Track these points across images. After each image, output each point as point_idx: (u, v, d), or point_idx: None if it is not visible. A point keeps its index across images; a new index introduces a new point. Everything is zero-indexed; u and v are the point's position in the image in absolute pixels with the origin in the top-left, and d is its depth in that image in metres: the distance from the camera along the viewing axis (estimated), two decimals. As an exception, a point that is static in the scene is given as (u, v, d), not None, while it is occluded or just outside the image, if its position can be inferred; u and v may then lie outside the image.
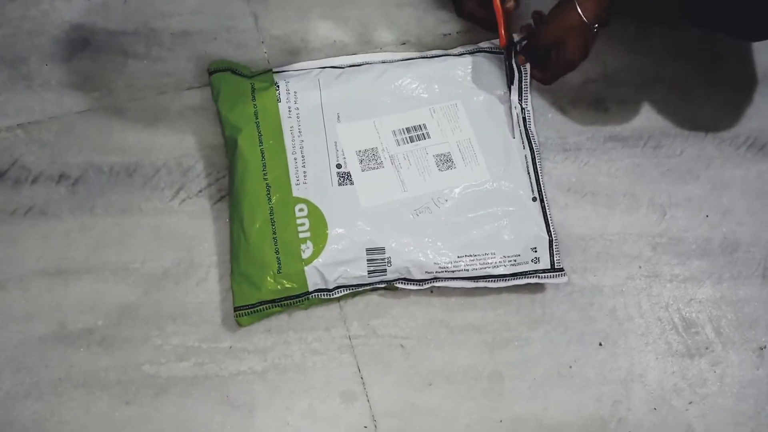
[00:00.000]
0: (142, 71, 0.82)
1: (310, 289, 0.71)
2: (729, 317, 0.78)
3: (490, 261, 0.74)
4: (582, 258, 0.79)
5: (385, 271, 0.72)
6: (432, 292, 0.76)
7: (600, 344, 0.76)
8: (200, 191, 0.78)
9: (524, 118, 0.80)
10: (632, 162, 0.84)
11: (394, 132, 0.77)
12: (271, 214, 0.71)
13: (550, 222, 0.76)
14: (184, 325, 0.73)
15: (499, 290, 0.76)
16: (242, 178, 0.73)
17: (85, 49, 0.83)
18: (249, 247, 0.71)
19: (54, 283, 0.74)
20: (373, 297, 0.76)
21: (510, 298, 0.77)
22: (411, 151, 0.76)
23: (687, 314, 0.78)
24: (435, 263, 0.72)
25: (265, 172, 0.73)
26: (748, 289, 0.80)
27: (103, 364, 0.71)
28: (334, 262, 0.71)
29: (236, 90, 0.76)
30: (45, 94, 0.80)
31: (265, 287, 0.70)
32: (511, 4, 0.77)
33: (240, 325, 0.72)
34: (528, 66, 0.80)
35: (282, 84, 0.77)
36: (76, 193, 0.77)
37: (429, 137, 0.77)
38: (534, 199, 0.76)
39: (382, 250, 0.72)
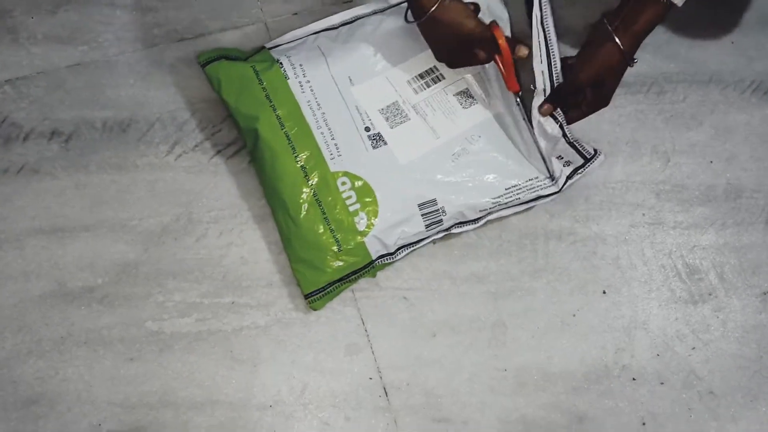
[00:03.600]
0: (131, 23, 0.79)
1: (374, 257, 0.70)
2: (732, 263, 0.78)
3: (537, 184, 0.73)
4: (585, 207, 0.79)
5: (441, 221, 0.71)
6: (434, 243, 0.76)
7: (603, 293, 0.76)
8: (196, 146, 0.76)
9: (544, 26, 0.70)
10: (635, 109, 0.82)
11: (408, 82, 0.74)
12: (315, 195, 0.69)
13: (563, 124, 0.71)
14: (186, 281, 0.72)
15: (501, 242, 0.76)
16: (273, 166, 0.70)
17: (71, 1, 0.80)
18: (301, 231, 0.69)
19: (50, 241, 0.73)
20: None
21: (512, 249, 0.76)
22: (431, 96, 0.74)
23: (690, 261, 0.78)
24: (486, 200, 0.72)
25: (295, 155, 0.69)
26: (751, 235, 0.79)
27: (105, 322, 0.71)
28: (390, 225, 0.70)
29: (238, 76, 0.71)
30: (32, 48, 0.77)
31: (329, 268, 0.69)
32: (524, 51, 0.67)
33: (315, 309, 0.71)
34: None
35: (284, 60, 0.73)
36: (69, 150, 0.75)
37: (443, 77, 0.75)
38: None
39: (433, 201, 0.71)
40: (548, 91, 0.69)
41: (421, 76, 0.74)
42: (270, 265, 0.73)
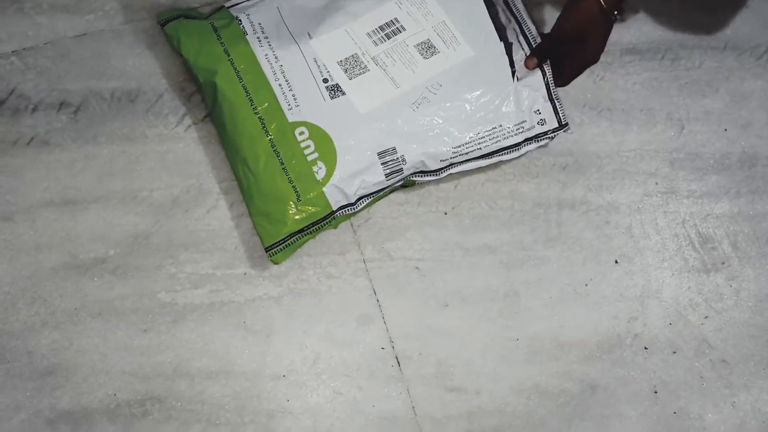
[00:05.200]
0: (138, -9, 0.78)
1: (334, 207, 0.69)
2: (746, 232, 0.78)
3: (499, 134, 0.72)
4: (598, 176, 0.78)
5: (401, 170, 0.71)
6: (446, 214, 0.75)
7: (616, 262, 0.76)
8: (205, 117, 0.76)
9: None
10: (650, 76, 0.81)
11: (368, 34, 0.73)
12: (273, 146, 0.69)
13: (549, 81, 0.72)
14: (197, 252, 0.72)
15: (513, 211, 0.75)
16: (232, 118, 0.70)
17: (76, -32, 0.78)
18: (260, 184, 0.69)
19: (62, 213, 0.73)
20: (387, 220, 0.75)
21: (524, 218, 0.76)
22: (391, 47, 0.73)
23: (704, 230, 0.78)
24: (447, 149, 0.71)
25: (253, 106, 0.69)
26: (765, 203, 0.78)
27: (118, 293, 0.71)
28: (350, 174, 0.69)
29: (197, 33, 0.72)
30: (38, 18, 0.76)
31: (289, 219, 0.68)
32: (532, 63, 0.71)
33: (276, 263, 0.70)
34: None
35: (243, 17, 0.73)
36: (78, 121, 0.74)
37: (404, 29, 0.74)
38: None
39: (393, 150, 0.70)
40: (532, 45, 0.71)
41: (381, 28, 0.73)
42: (281, 236, 0.73)
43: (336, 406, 0.71)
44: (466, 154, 0.72)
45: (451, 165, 0.72)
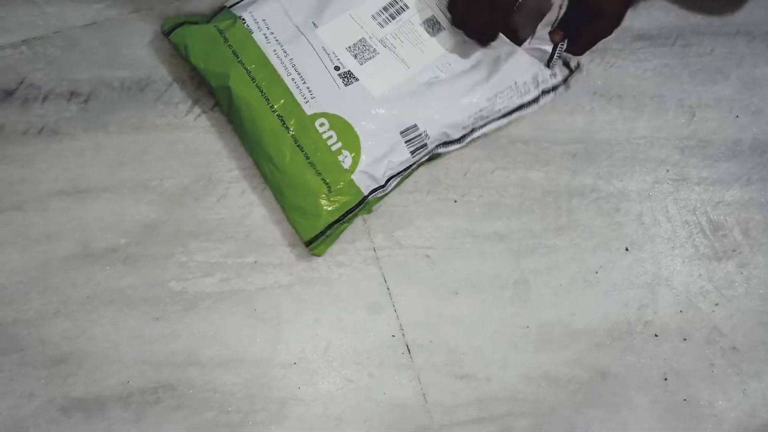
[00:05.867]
0: (145, -20, 0.78)
1: (365, 193, 0.69)
2: (757, 219, 0.77)
3: (515, 92, 0.72)
4: (608, 163, 0.78)
5: (425, 145, 0.71)
6: (455, 202, 0.75)
7: (626, 249, 0.76)
8: (215, 105, 0.76)
9: None
10: (660, 62, 0.81)
11: (373, 16, 0.73)
12: (296, 141, 0.69)
13: (559, 47, 0.72)
14: (208, 241, 0.73)
15: (523, 199, 0.75)
16: (251, 119, 0.69)
17: (85, -43, 0.78)
18: (289, 180, 0.69)
19: (72, 202, 0.73)
20: (397, 209, 0.75)
21: (534, 206, 0.76)
22: (397, 28, 0.73)
23: (714, 217, 0.77)
24: (467, 116, 0.71)
25: (270, 104, 0.69)
26: (777, 190, 0.78)
27: (129, 282, 0.71)
28: (376, 158, 0.69)
29: (203, 38, 0.71)
30: (46, 8, 0.76)
31: (323, 211, 0.68)
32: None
33: (318, 255, 0.71)
34: None
35: (246, 15, 0.72)
36: (88, 111, 0.74)
37: (407, 8, 0.73)
38: None
39: (414, 127, 0.70)
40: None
41: (385, 8, 0.73)
42: (292, 225, 0.73)
43: (347, 394, 0.71)
44: (487, 117, 0.72)
45: (474, 130, 0.73)
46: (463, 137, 0.73)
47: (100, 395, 0.69)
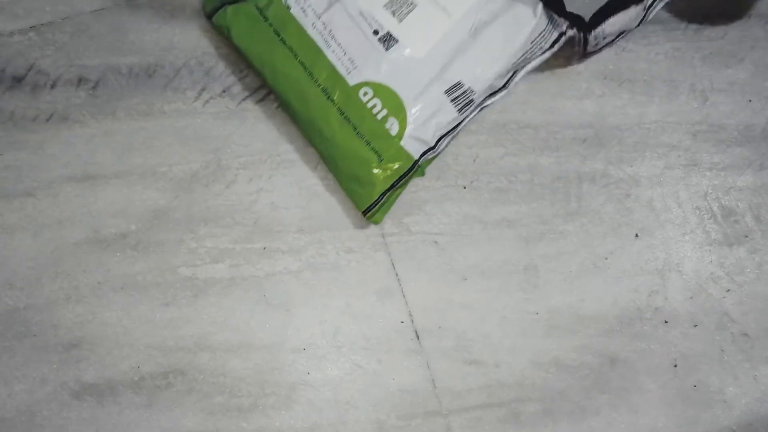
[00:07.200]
0: (153, -35, 0.78)
1: (416, 157, 0.70)
2: (770, 205, 0.77)
3: (551, 26, 0.71)
4: (618, 148, 0.77)
5: (472, 101, 0.70)
6: (465, 188, 0.75)
7: (636, 235, 0.75)
8: (224, 91, 0.76)
9: None
10: (672, 46, 0.80)
11: None
12: (342, 113, 0.69)
13: None
14: (217, 227, 0.73)
15: (532, 185, 0.75)
16: (297, 96, 0.70)
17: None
18: (340, 152, 0.70)
19: (83, 188, 0.73)
20: (406, 195, 0.74)
21: (544, 192, 0.75)
22: None
23: (726, 203, 0.77)
24: (508, 63, 0.70)
25: (314, 79, 0.69)
26: (790, 175, 0.77)
27: (139, 268, 0.72)
28: (423, 121, 0.69)
29: (245, 19, 0.71)
30: (55, -7, 0.76)
31: (377, 179, 0.69)
32: None
33: (376, 223, 0.72)
34: None
35: None
36: (97, 97, 0.74)
37: None
38: None
39: (459, 84, 0.69)
40: None
41: None
42: (300, 211, 0.73)
43: (356, 379, 0.71)
44: (529, 58, 0.71)
45: (516, 71, 0.72)
46: (507, 83, 0.72)
47: (111, 380, 0.70)
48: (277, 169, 0.74)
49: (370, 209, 0.70)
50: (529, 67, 0.72)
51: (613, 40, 0.74)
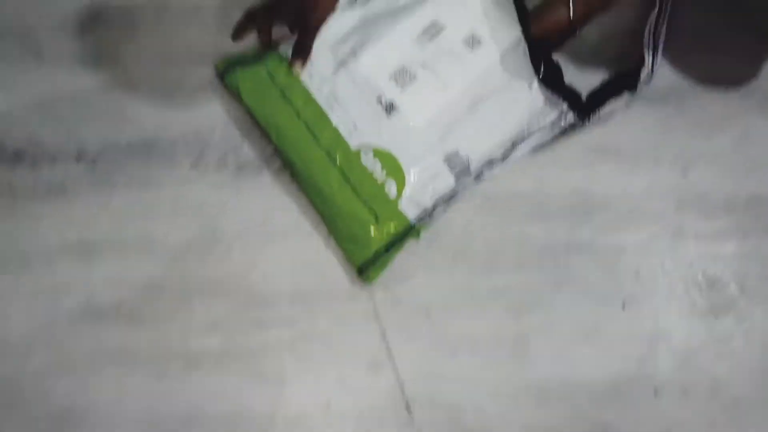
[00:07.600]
0: (154, 45, 0.81)
1: (412, 220, 0.72)
2: (755, 273, 0.78)
3: (549, 103, 0.74)
4: (606, 217, 0.78)
5: (468, 168, 0.73)
6: (454, 257, 0.76)
7: (624, 304, 0.76)
8: (219, 160, 0.78)
9: None
10: (656, 117, 0.82)
11: (411, 39, 0.75)
12: (343, 174, 0.72)
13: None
14: (210, 298, 0.74)
15: (521, 255, 0.76)
16: (299, 156, 0.73)
17: (95, 22, 0.81)
18: (339, 211, 0.72)
19: (79, 259, 0.74)
20: (397, 264, 0.75)
21: (532, 262, 0.76)
22: (437, 48, 0.74)
23: (712, 272, 0.78)
24: (509, 134, 0.73)
25: (317, 140, 0.72)
26: (773, 244, 0.79)
27: (132, 339, 0.72)
28: (420, 186, 0.72)
29: (254, 81, 0.75)
30: (57, 70, 0.79)
31: (373, 240, 0.71)
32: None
33: (370, 281, 0.73)
34: None
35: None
36: (95, 170, 0.76)
37: (446, 27, 0.75)
38: None
39: (456, 153, 0.72)
40: None
41: (425, 30, 0.75)
42: (294, 281, 0.74)
43: (347, 451, 0.71)
44: (528, 133, 0.74)
45: (515, 147, 0.74)
46: (505, 156, 0.74)
47: (102, 453, 0.70)
48: (271, 239, 0.76)
49: (365, 267, 0.71)
50: (531, 141, 0.75)
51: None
